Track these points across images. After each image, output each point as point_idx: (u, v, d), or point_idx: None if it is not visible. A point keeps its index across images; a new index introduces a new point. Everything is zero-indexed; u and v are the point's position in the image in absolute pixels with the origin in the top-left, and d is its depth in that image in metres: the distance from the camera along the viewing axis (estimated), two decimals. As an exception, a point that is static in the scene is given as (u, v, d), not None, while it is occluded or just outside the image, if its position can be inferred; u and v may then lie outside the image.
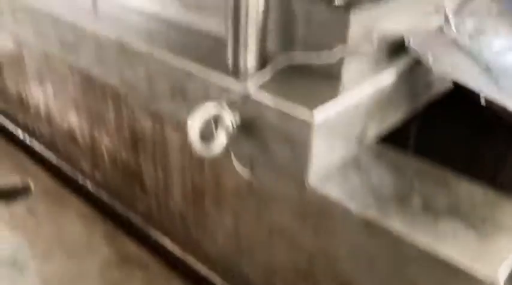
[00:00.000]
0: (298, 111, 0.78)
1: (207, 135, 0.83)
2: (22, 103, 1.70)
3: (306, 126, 0.78)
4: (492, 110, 0.96)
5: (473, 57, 1.05)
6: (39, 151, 1.71)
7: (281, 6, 0.90)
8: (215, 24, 1.03)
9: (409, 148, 1.18)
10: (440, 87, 1.11)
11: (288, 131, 0.81)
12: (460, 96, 0.98)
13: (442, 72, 0.95)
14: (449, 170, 0.93)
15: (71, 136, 1.52)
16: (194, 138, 0.79)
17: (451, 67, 0.98)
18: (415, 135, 1.20)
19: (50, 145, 1.66)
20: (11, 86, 1.71)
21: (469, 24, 1.13)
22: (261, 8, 0.85)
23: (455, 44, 1.05)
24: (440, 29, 1.09)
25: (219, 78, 0.90)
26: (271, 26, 0.90)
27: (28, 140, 1.76)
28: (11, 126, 1.83)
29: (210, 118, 0.82)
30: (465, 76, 0.97)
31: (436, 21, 1.09)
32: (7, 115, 1.84)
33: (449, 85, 1.06)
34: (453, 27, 1.08)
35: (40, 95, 1.56)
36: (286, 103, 0.80)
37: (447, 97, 1.14)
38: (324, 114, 0.79)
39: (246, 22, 0.85)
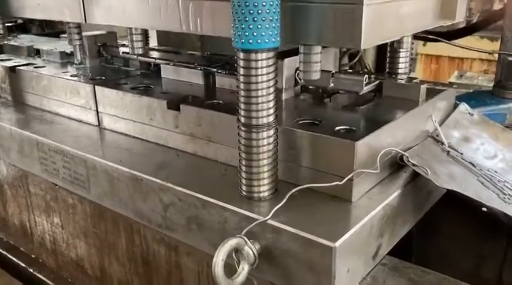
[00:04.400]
0: (319, 240, 0.82)
1: (227, 264, 0.85)
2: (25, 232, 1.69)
3: (328, 254, 0.81)
4: (492, 215, 1.01)
5: (465, 165, 1.12)
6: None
7: (288, 137, 0.97)
8: (225, 155, 1.10)
9: (414, 255, 1.21)
10: (439, 192, 1.17)
11: (309, 258, 0.84)
12: (457, 198, 1.03)
13: (440, 183, 1.01)
14: (459, 277, 0.96)
15: (79, 266, 1.50)
16: (219, 274, 0.81)
17: (448, 178, 1.05)
18: (417, 241, 1.23)
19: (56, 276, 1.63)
20: (14, 215, 1.72)
21: (456, 132, 1.23)
22: (272, 141, 0.92)
23: (448, 154, 1.13)
24: (432, 138, 1.18)
25: (235, 206, 0.94)
26: (280, 155, 0.97)
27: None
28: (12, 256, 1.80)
29: (232, 251, 0.85)
30: (462, 185, 1.03)
31: (426, 127, 1.18)
32: (9, 245, 1.82)
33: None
34: (442, 137, 1.16)
35: (46, 224, 1.57)
36: (306, 232, 0.84)
37: (445, 199, 1.19)
38: (343, 239, 0.82)
39: (258, 156, 0.91)
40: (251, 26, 0.82)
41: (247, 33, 0.83)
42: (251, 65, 0.86)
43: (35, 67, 1.65)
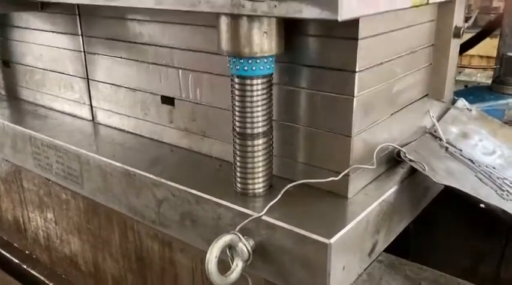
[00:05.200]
0: (314, 236, 0.80)
1: (221, 260, 0.84)
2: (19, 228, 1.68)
3: (323, 250, 0.79)
4: (490, 211, 1.00)
5: (463, 161, 1.11)
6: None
7: (283, 132, 0.96)
8: (219, 150, 1.09)
9: (411, 252, 1.20)
10: (436, 188, 1.16)
11: (303, 255, 0.82)
12: (455, 195, 1.02)
13: (438, 179, 0.99)
14: (457, 274, 0.94)
15: (73, 262, 1.48)
16: (212, 271, 0.80)
17: (446, 174, 1.03)
18: (415, 237, 1.22)
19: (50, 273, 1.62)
20: (8, 211, 1.70)
21: (454, 128, 1.21)
22: (267, 146, 0.91)
23: (446, 150, 1.12)
24: (429, 134, 1.16)
25: (229, 202, 0.92)
26: (275, 151, 0.95)
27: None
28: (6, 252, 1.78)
29: (226, 247, 0.83)
30: (460, 182, 1.02)
31: (423, 123, 1.16)
32: (2, 241, 1.80)
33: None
34: (440, 133, 1.15)
35: (39, 220, 1.55)
36: (300, 228, 0.82)
37: (442, 196, 1.18)
38: (338, 236, 0.81)
39: (253, 152, 0.90)
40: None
41: (242, 61, 0.83)
42: (246, 89, 0.86)
43: (29, 61, 1.63)
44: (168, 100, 1.16)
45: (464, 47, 1.89)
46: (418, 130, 1.14)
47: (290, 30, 0.87)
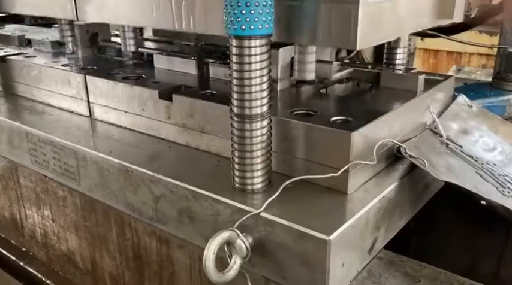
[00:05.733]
0: (313, 233, 0.79)
1: (219, 257, 0.83)
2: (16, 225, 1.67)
3: (322, 247, 0.78)
4: (490, 208, 0.99)
5: (464, 158, 1.10)
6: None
7: (282, 128, 0.95)
8: (217, 146, 1.07)
9: (411, 249, 1.19)
10: (437, 185, 1.15)
11: (302, 252, 0.81)
12: (455, 192, 1.01)
13: (438, 175, 0.98)
14: (457, 272, 0.94)
15: (70, 260, 1.47)
16: (210, 268, 0.78)
17: (446, 170, 1.02)
18: (415, 234, 1.21)
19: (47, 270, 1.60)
20: (4, 208, 1.69)
21: (454, 124, 1.20)
22: (265, 132, 0.89)
23: (446, 146, 1.11)
24: (430, 130, 1.15)
25: (227, 198, 0.91)
26: (274, 147, 0.94)
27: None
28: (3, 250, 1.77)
29: (224, 244, 0.82)
30: (460, 178, 1.01)
31: (424, 119, 1.15)
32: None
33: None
34: (441, 129, 1.14)
35: (36, 217, 1.54)
36: (299, 225, 0.81)
37: (442, 193, 1.17)
38: (337, 233, 0.80)
39: (251, 147, 0.89)
40: (243, 12, 0.79)
41: (239, 19, 0.80)
42: (244, 52, 0.83)
43: (26, 57, 1.61)
44: (165, 96, 1.15)
45: (456, 29, 1.87)
46: (418, 126, 1.13)
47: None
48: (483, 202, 0.96)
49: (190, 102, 1.10)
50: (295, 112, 1.00)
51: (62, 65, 1.46)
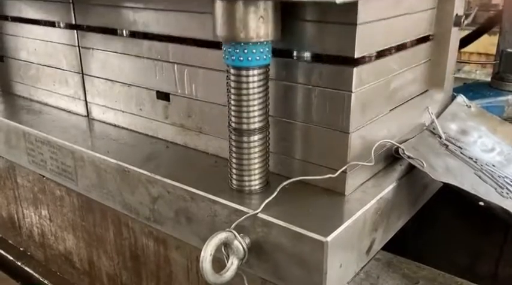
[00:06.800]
0: (310, 234, 0.79)
1: (216, 258, 0.82)
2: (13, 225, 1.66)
3: (319, 249, 0.78)
4: (488, 209, 0.98)
5: (463, 159, 1.09)
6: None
7: (280, 128, 0.94)
8: (215, 146, 1.07)
9: (409, 250, 1.19)
10: (435, 186, 1.15)
11: (300, 253, 0.81)
12: (454, 193, 1.00)
13: (437, 176, 0.98)
14: (455, 273, 0.93)
15: (68, 259, 1.47)
16: (207, 269, 0.78)
17: (445, 171, 1.02)
18: (413, 235, 1.21)
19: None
20: (2, 207, 1.69)
21: (453, 125, 1.20)
22: (263, 142, 0.89)
23: (446, 147, 1.10)
24: (428, 130, 1.15)
25: (224, 199, 0.91)
26: (272, 147, 0.94)
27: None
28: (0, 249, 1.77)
29: (221, 245, 0.82)
30: (459, 179, 1.01)
31: (422, 119, 1.15)
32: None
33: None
34: (440, 130, 1.13)
35: (34, 217, 1.54)
36: (297, 226, 0.81)
37: (441, 193, 1.17)
38: (334, 234, 0.79)
39: (249, 155, 0.89)
40: (242, 43, 0.80)
41: (237, 51, 0.81)
42: (242, 81, 0.84)
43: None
44: (163, 96, 1.14)
45: (463, 43, 1.87)
46: (416, 126, 1.13)
47: (286, 15, 0.85)
48: (481, 203, 0.96)
49: (187, 102, 1.10)
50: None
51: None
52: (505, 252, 1.18)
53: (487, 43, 2.43)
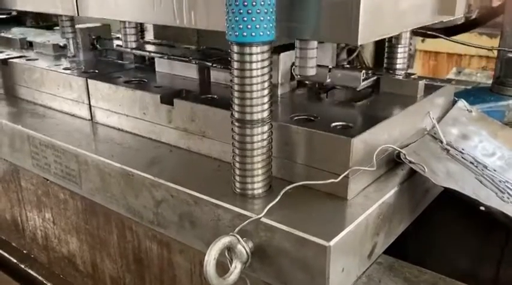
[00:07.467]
0: (313, 238, 0.80)
1: (220, 262, 0.83)
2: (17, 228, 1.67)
3: (322, 253, 0.79)
4: (489, 214, 0.99)
5: (464, 163, 1.10)
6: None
7: (283, 133, 0.95)
8: (218, 150, 1.08)
9: (410, 254, 1.19)
10: (436, 190, 1.15)
11: (302, 257, 0.82)
12: (455, 197, 1.01)
13: (438, 181, 0.99)
14: (456, 277, 0.94)
15: (71, 262, 1.48)
16: (211, 273, 0.79)
17: (446, 176, 1.03)
18: (414, 239, 1.22)
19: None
20: (6, 210, 1.70)
21: (454, 130, 1.21)
22: (266, 137, 0.90)
23: (447, 152, 1.11)
24: (429, 135, 1.16)
25: (227, 203, 0.91)
26: (275, 152, 0.95)
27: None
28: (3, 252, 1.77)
29: (224, 249, 0.83)
30: (460, 184, 1.02)
31: (424, 124, 1.16)
32: (0, 240, 1.79)
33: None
34: (441, 134, 1.14)
35: (37, 220, 1.55)
36: (299, 230, 0.82)
37: (442, 197, 1.18)
38: (337, 239, 0.80)
39: (252, 152, 0.89)
40: (245, 19, 0.79)
41: (241, 26, 0.80)
42: (245, 59, 0.84)
43: (28, 59, 1.62)
44: (167, 100, 1.15)
45: (456, 30, 1.87)
46: (418, 131, 1.14)
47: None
48: (482, 208, 0.97)
49: (191, 106, 1.11)
50: (295, 118, 1.01)
51: (64, 68, 1.47)
52: (506, 256, 1.18)
53: (488, 46, 2.44)
